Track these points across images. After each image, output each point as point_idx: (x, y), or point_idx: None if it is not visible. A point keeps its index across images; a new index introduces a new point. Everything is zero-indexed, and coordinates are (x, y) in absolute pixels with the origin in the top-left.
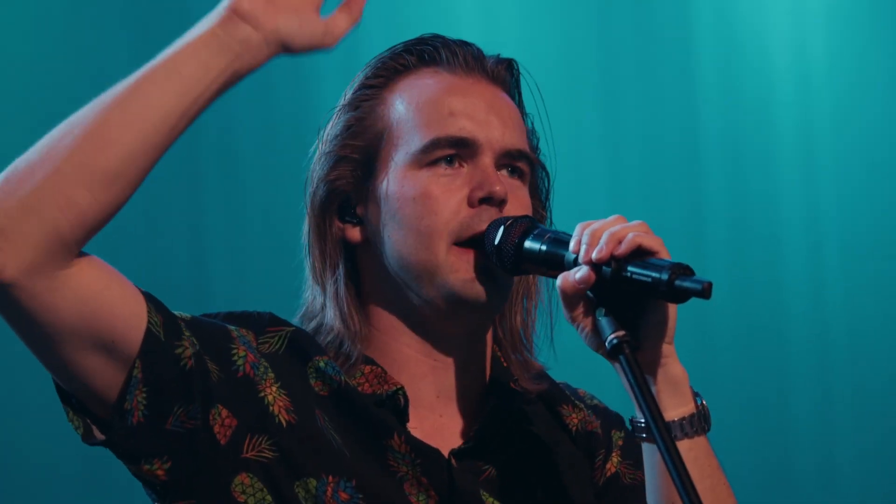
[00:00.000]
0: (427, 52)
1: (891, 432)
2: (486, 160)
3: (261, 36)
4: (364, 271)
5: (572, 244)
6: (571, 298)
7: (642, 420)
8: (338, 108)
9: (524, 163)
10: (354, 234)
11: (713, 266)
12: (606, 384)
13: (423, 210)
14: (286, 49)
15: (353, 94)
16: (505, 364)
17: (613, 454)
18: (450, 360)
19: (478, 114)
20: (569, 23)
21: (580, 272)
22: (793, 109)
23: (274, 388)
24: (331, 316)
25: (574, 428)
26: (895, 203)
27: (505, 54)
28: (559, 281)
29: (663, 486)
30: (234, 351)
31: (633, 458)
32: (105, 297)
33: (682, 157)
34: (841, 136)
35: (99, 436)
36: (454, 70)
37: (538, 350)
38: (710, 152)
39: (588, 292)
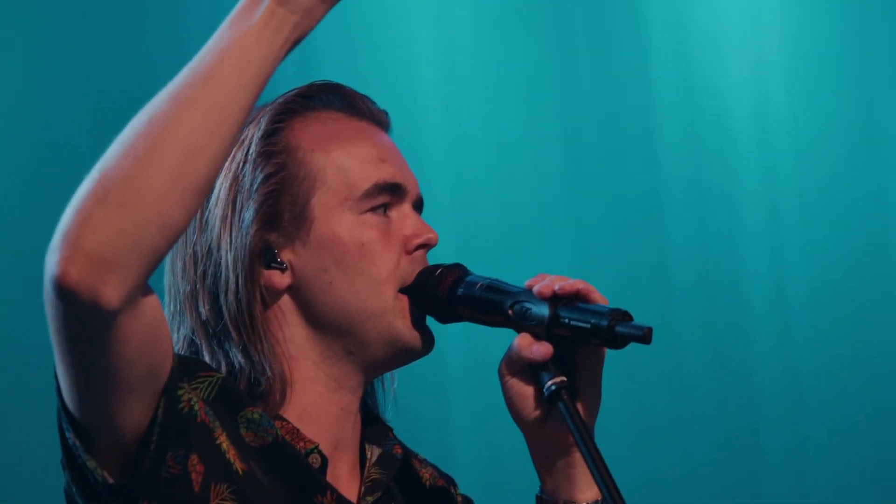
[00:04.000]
0: (328, 98)
1: (863, 470)
2: (409, 206)
3: (307, 7)
4: (278, 319)
5: (527, 283)
6: (520, 358)
7: (549, 497)
8: (233, 158)
9: (421, 211)
10: (281, 280)
11: (680, 316)
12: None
13: (372, 256)
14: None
15: (258, 142)
16: (374, 414)
17: None
18: (351, 410)
19: (397, 160)
20: (529, 72)
21: (544, 346)
22: (753, 148)
23: (224, 436)
24: (266, 368)
25: (427, 482)
26: (858, 246)
27: (469, 110)
28: (519, 340)
29: None
30: (188, 394)
31: None
32: (163, 325)
33: (646, 211)
34: (802, 174)
35: (109, 479)
36: (359, 116)
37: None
38: (672, 197)
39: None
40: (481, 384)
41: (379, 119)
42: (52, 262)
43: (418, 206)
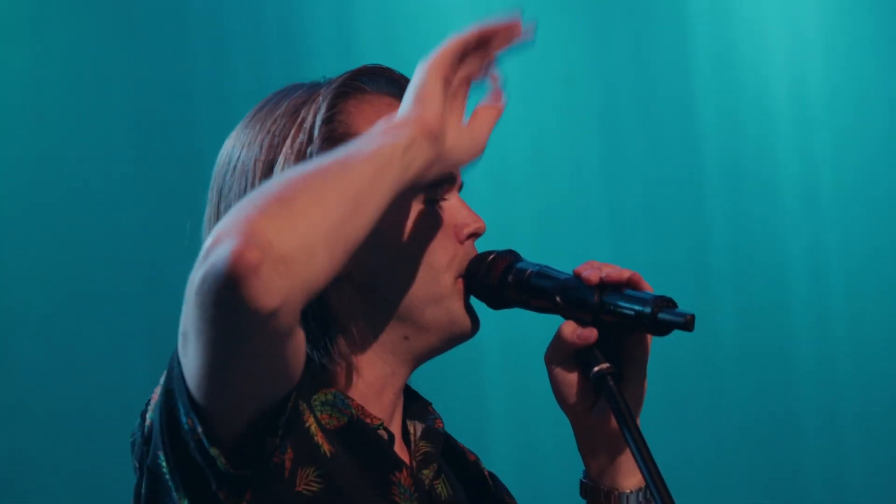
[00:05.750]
0: (380, 81)
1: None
2: (457, 195)
3: (436, 156)
4: (340, 307)
5: (575, 270)
6: (565, 344)
7: (593, 483)
8: (293, 142)
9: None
10: (344, 267)
11: (717, 302)
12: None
13: (433, 245)
14: (448, 170)
15: (320, 128)
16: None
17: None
18: (399, 395)
19: None
20: (567, 57)
21: (588, 330)
22: (793, 138)
23: (312, 418)
24: (335, 354)
25: (471, 457)
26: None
27: (507, 96)
28: (564, 326)
29: None
30: None
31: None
32: (304, 347)
33: (685, 197)
34: (842, 167)
35: (230, 469)
36: None
37: None
38: (712, 186)
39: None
40: (517, 368)
41: None
42: (224, 247)
43: (460, 189)
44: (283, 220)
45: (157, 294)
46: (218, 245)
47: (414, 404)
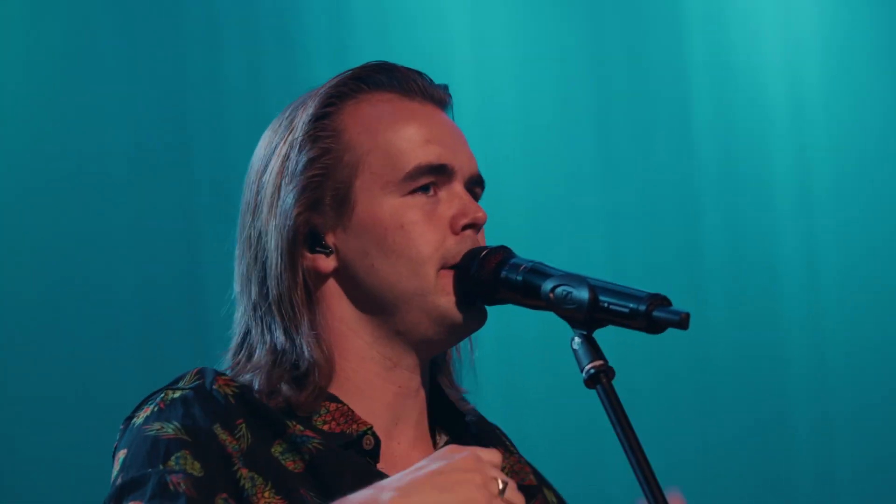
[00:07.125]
0: (380, 79)
1: (891, 454)
2: (459, 186)
3: None
4: (328, 300)
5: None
6: None
7: None
8: (285, 141)
9: (481, 188)
10: (327, 264)
11: (711, 301)
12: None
13: (413, 238)
14: None
15: (305, 126)
16: (446, 390)
17: None
18: (410, 387)
19: (446, 140)
20: (563, 55)
21: None
22: (788, 138)
23: (266, 494)
24: (305, 350)
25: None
26: (892, 230)
27: (502, 94)
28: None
29: None
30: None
31: None
32: None
33: (679, 195)
34: (837, 163)
35: None
36: (412, 96)
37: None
38: (706, 186)
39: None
40: (511, 363)
41: (435, 96)
42: None
43: (476, 182)
44: None
45: (150, 291)
46: None
47: (446, 415)
